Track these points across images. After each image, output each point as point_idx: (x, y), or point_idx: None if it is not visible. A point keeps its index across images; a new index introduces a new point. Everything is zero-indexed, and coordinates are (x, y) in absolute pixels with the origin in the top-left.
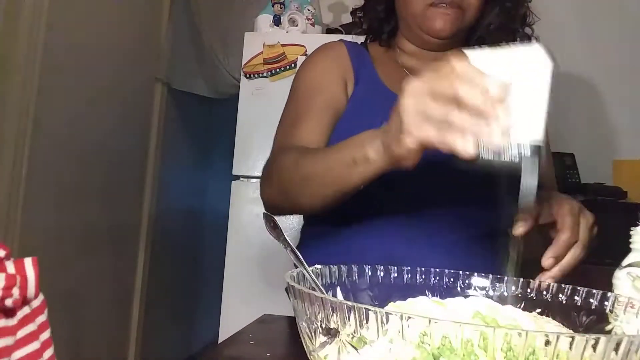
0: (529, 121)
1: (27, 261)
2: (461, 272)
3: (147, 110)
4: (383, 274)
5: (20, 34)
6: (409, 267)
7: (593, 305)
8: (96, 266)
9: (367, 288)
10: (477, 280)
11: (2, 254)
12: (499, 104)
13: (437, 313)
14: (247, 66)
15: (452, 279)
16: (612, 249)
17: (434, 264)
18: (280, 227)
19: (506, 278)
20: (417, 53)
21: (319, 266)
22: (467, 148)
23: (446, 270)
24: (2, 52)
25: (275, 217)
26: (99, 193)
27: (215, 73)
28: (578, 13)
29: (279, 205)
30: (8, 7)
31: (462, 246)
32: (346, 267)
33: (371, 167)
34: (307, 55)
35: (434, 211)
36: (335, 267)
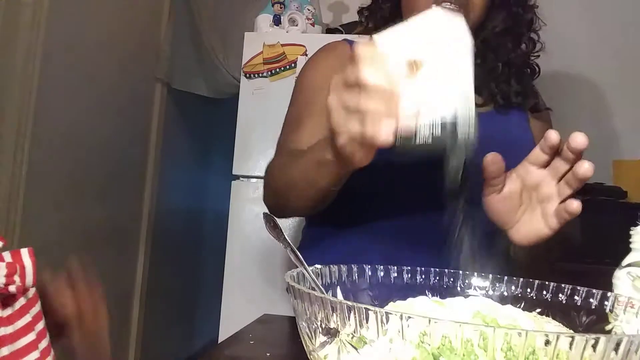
0: (440, 97)
1: (24, 251)
2: (461, 272)
3: (147, 110)
4: (383, 274)
5: (20, 34)
6: (409, 267)
7: (593, 305)
8: (96, 266)
9: (367, 288)
10: (477, 280)
11: None
12: (403, 81)
13: (437, 313)
14: (247, 66)
15: (452, 279)
16: (612, 249)
17: (435, 266)
18: (280, 227)
19: (506, 278)
20: None
21: (319, 266)
22: (385, 134)
23: (446, 270)
24: (2, 52)
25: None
26: (99, 193)
27: (215, 73)
28: (578, 12)
29: (276, 208)
30: (8, 7)
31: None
32: (346, 267)
33: (334, 169)
34: (307, 55)
35: (436, 212)
36: (335, 267)
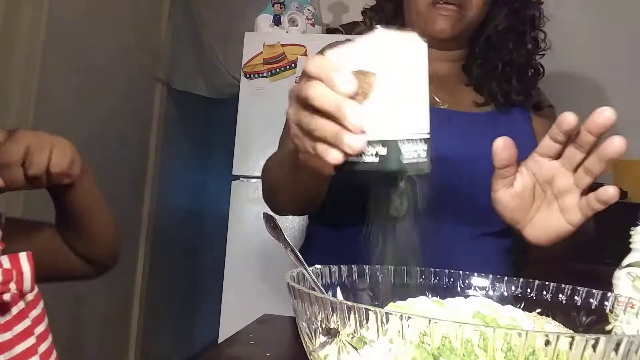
0: (385, 118)
1: (22, 256)
2: (461, 272)
3: (147, 110)
4: (383, 274)
5: (20, 34)
6: (409, 267)
7: (593, 305)
8: None
9: (367, 288)
10: (477, 280)
11: None
12: (350, 102)
13: (437, 313)
14: (247, 66)
15: (452, 279)
16: (612, 249)
17: (437, 266)
18: (280, 227)
19: (506, 278)
20: None
21: (319, 266)
22: (333, 156)
23: (446, 270)
24: (2, 52)
25: (276, 217)
26: None
27: (215, 73)
28: (581, 11)
29: (270, 206)
30: (8, 7)
31: (467, 248)
32: (346, 267)
33: (310, 176)
34: (307, 55)
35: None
36: (336, 267)
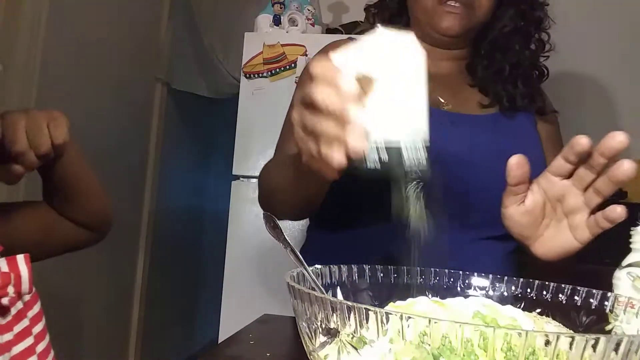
0: (390, 121)
1: (20, 258)
2: (461, 272)
3: (147, 110)
4: (383, 274)
5: (20, 34)
6: (409, 267)
7: (593, 305)
8: (96, 266)
9: (367, 288)
10: (477, 280)
11: None
12: (354, 103)
13: (437, 313)
14: (247, 66)
15: (452, 279)
16: (612, 249)
17: (436, 266)
18: (280, 227)
19: (506, 278)
20: (427, 50)
21: (319, 266)
22: (337, 157)
23: (446, 270)
24: (2, 52)
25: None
26: None
27: (215, 73)
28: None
29: (266, 210)
30: (8, 7)
31: (471, 251)
32: (346, 267)
33: (312, 179)
34: (307, 55)
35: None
36: (336, 267)
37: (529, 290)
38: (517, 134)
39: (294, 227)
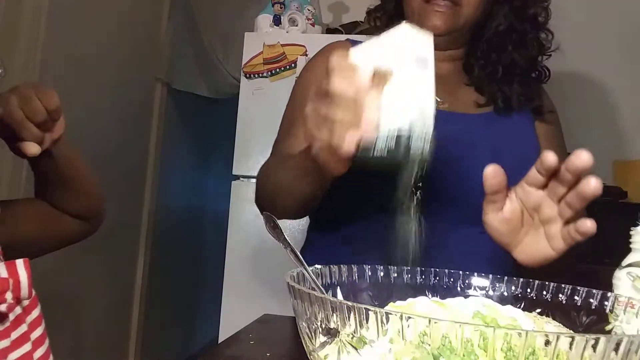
0: (398, 112)
1: (19, 263)
2: (461, 272)
3: (147, 110)
4: (383, 274)
5: (20, 34)
6: (409, 267)
7: (593, 305)
8: (96, 266)
9: (367, 288)
10: (477, 280)
11: None
12: (369, 93)
13: (437, 313)
14: (247, 66)
15: (452, 279)
16: (612, 249)
17: (438, 263)
18: (280, 227)
19: (506, 278)
20: None
21: (318, 266)
22: (347, 145)
23: (446, 270)
24: (2, 52)
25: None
26: None
27: (215, 73)
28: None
29: (265, 210)
30: (8, 7)
31: (466, 246)
32: (346, 267)
33: (316, 176)
34: (307, 55)
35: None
36: (336, 267)
37: (529, 290)
38: (513, 133)
39: (294, 227)
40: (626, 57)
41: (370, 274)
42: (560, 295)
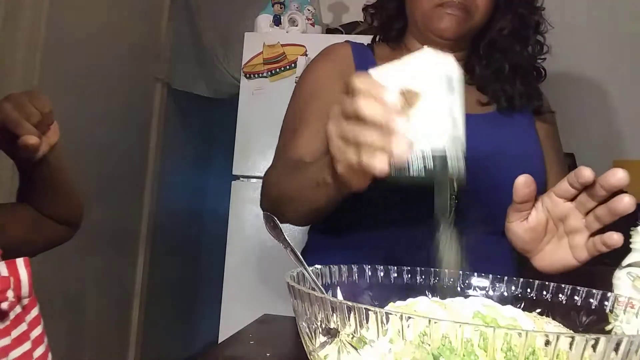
0: (432, 132)
1: (20, 262)
2: (461, 272)
3: (147, 110)
4: (383, 274)
5: (20, 34)
6: (409, 267)
7: (593, 305)
8: (96, 266)
9: (367, 288)
10: (477, 280)
11: None
12: (398, 115)
13: (438, 313)
14: (247, 66)
15: (452, 279)
16: (612, 249)
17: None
18: (280, 227)
19: (506, 278)
20: None
21: (318, 266)
22: (380, 166)
23: (446, 271)
24: (2, 52)
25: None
26: (99, 193)
27: (215, 73)
28: (582, 12)
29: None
30: (8, 7)
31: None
32: (346, 267)
33: (332, 190)
34: (307, 55)
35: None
36: (336, 267)
37: (529, 290)
38: (516, 132)
39: (294, 227)
40: (626, 58)
41: (370, 274)
42: (560, 295)
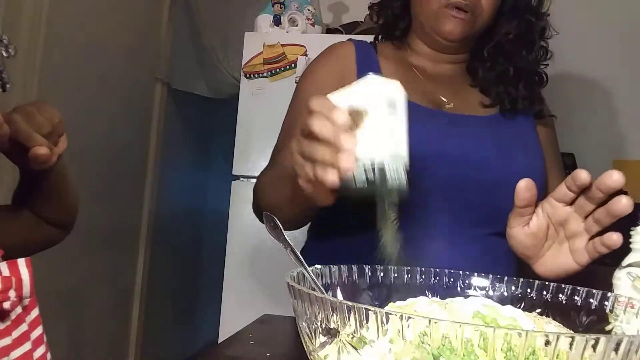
0: (373, 147)
1: (21, 262)
2: (461, 272)
3: (147, 110)
4: (383, 274)
5: (20, 34)
6: (409, 267)
7: (593, 305)
8: (96, 266)
9: (367, 288)
10: (477, 280)
11: None
12: (346, 133)
13: (437, 313)
14: (247, 66)
15: (452, 279)
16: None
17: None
18: (280, 227)
19: (506, 278)
20: (428, 54)
21: (319, 266)
22: (331, 179)
23: (446, 270)
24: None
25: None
26: (99, 193)
27: (215, 73)
28: (582, 13)
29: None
30: (8, 7)
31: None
32: (346, 267)
33: (304, 203)
34: (307, 55)
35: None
36: (336, 267)
37: (529, 290)
38: (518, 134)
39: None
40: (626, 58)
41: (370, 274)
42: (560, 295)
